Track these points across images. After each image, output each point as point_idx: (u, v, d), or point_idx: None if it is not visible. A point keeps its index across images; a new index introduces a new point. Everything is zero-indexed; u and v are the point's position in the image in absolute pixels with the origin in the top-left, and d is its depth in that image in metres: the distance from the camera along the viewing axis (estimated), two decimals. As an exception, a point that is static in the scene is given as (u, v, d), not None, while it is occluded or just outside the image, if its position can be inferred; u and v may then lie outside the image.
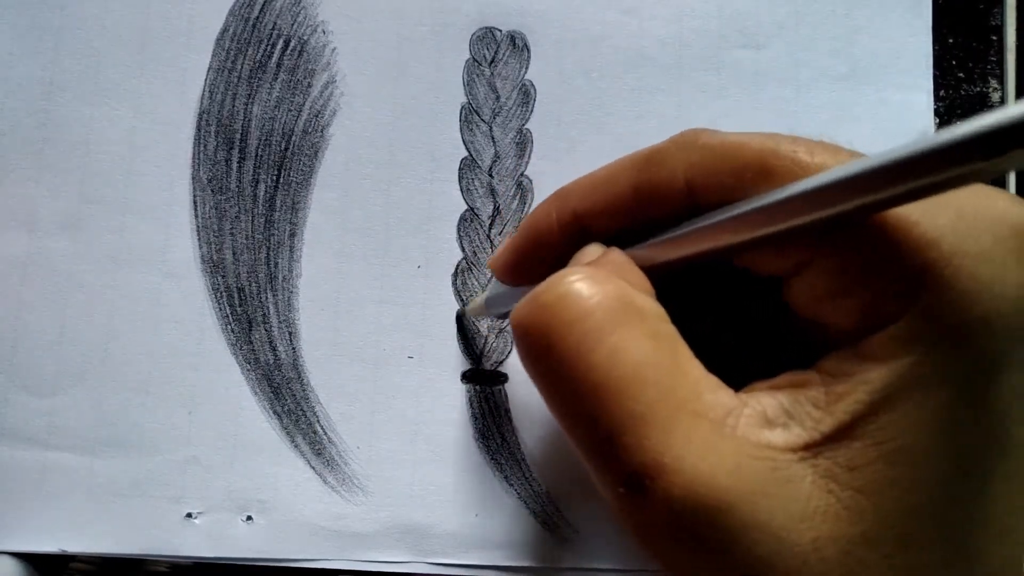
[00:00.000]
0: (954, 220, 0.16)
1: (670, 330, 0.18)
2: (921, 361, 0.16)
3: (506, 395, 0.27)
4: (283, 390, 0.26)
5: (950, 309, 0.16)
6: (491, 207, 0.27)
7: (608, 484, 0.17)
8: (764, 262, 0.18)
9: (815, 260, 0.17)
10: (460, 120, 0.28)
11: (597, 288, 0.17)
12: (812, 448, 0.16)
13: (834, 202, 0.16)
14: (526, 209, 0.28)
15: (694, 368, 0.17)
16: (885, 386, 0.16)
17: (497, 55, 0.28)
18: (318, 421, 0.26)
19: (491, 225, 0.27)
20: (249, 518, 0.26)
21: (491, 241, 0.27)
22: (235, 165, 0.27)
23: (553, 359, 0.17)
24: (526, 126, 0.28)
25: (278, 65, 0.27)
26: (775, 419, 0.17)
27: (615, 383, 0.16)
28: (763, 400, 0.17)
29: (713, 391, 0.17)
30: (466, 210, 0.27)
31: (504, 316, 0.24)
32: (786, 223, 0.17)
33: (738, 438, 0.16)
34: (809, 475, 0.16)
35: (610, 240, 0.20)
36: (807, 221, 0.16)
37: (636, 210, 0.20)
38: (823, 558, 0.16)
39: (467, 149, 0.28)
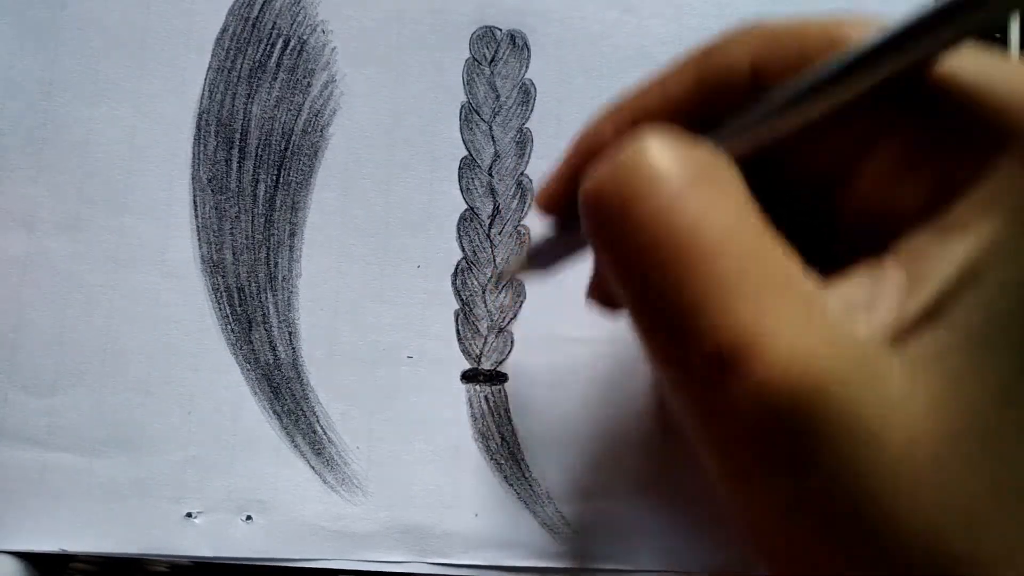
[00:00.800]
0: None
1: (754, 203, 0.16)
2: (1011, 222, 0.14)
3: (506, 395, 0.27)
4: (283, 390, 0.26)
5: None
6: (491, 206, 0.27)
7: (681, 369, 0.15)
8: (822, 154, 0.17)
9: (880, 140, 0.16)
10: (460, 119, 0.28)
11: (681, 149, 0.16)
12: (899, 336, 0.15)
13: (906, 45, 0.15)
14: (526, 209, 0.27)
15: (780, 243, 0.15)
16: (972, 255, 0.14)
17: (497, 54, 0.28)
18: (318, 421, 0.26)
19: (491, 225, 0.27)
20: (249, 518, 0.26)
21: (491, 241, 0.27)
22: (235, 165, 0.27)
23: (630, 223, 0.15)
24: (526, 125, 0.28)
25: (278, 65, 0.27)
26: (857, 307, 0.15)
27: (702, 247, 0.15)
28: (842, 289, 0.15)
29: (800, 269, 0.15)
30: (466, 209, 0.27)
31: (547, 270, 0.22)
32: (859, 83, 0.15)
33: (829, 321, 0.14)
34: (897, 367, 0.14)
35: None
36: (880, 76, 0.15)
37: (699, 106, 0.18)
38: (915, 462, 0.14)
39: (467, 148, 0.27)
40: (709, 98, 0.18)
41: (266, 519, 0.26)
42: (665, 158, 0.15)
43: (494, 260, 0.27)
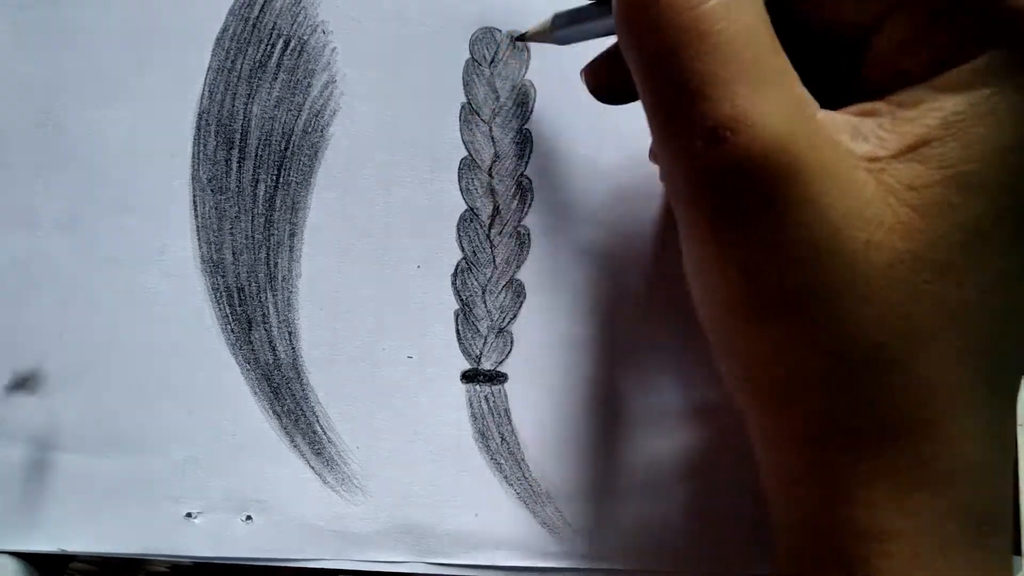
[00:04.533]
0: None
1: (769, 18, 0.18)
2: (999, 93, 0.16)
3: (506, 395, 0.27)
4: (283, 390, 0.26)
5: None
6: (491, 207, 0.27)
7: (684, 138, 0.17)
8: (844, 14, 0.19)
9: (898, 10, 0.18)
10: (460, 120, 0.28)
11: None
12: (877, 161, 0.17)
13: None
14: (526, 209, 0.28)
15: (786, 56, 0.18)
16: (956, 113, 0.16)
17: (497, 55, 0.28)
18: (317, 421, 0.26)
19: (491, 225, 0.27)
20: (248, 518, 0.26)
21: (491, 241, 0.27)
22: (235, 165, 0.27)
23: (661, 8, 0.17)
24: (526, 126, 0.28)
25: (278, 65, 0.27)
26: (846, 131, 0.17)
27: (721, 36, 0.17)
28: (835, 114, 0.18)
29: (799, 81, 0.17)
30: (466, 210, 0.27)
31: (566, 40, 0.24)
32: None
33: (817, 122, 0.17)
34: (872, 184, 0.17)
35: None
36: None
37: None
38: (870, 263, 0.16)
39: (467, 149, 0.28)
40: None
41: (266, 519, 0.26)
42: None
43: (494, 260, 0.27)
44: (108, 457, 0.26)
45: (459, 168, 0.27)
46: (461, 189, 0.27)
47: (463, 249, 0.27)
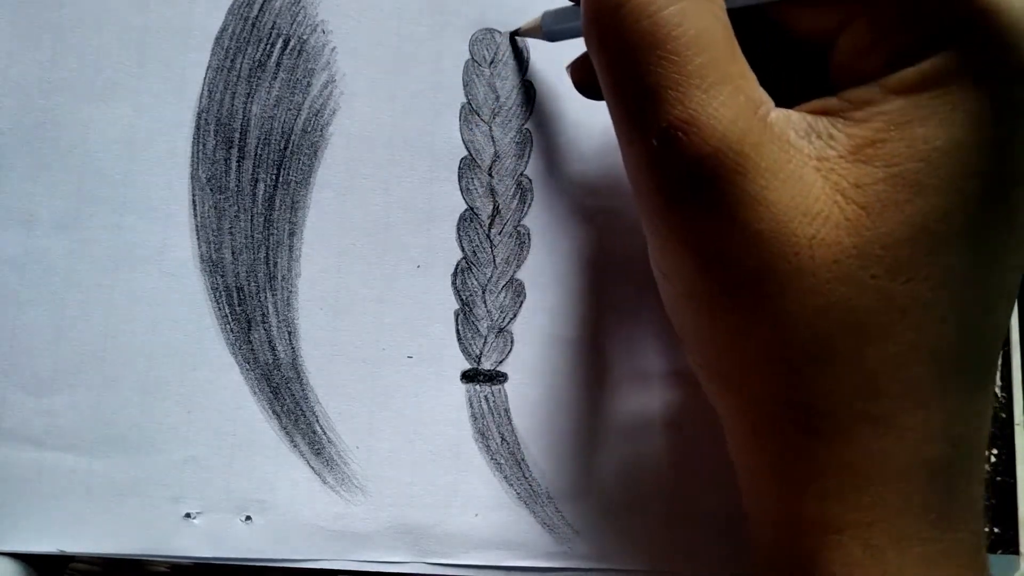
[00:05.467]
0: None
1: (728, 22, 0.19)
2: (943, 95, 0.17)
3: (506, 395, 0.27)
4: (282, 390, 0.26)
5: (985, 52, 0.17)
6: (491, 207, 0.27)
7: (639, 136, 0.18)
8: (811, 20, 0.19)
9: (860, 15, 0.18)
10: (460, 120, 0.28)
11: None
12: (826, 161, 0.17)
13: None
14: (526, 209, 0.28)
15: (742, 59, 0.18)
16: (902, 112, 0.17)
17: (497, 56, 0.28)
18: (317, 421, 0.26)
19: (490, 225, 0.27)
20: (248, 518, 0.25)
21: (491, 241, 0.27)
22: (234, 164, 0.27)
23: (623, 13, 0.18)
24: (526, 126, 0.28)
25: (277, 64, 0.27)
26: (797, 130, 0.18)
27: (676, 42, 0.17)
28: (790, 113, 0.18)
29: (755, 83, 0.18)
30: (466, 210, 0.27)
31: (554, 37, 0.25)
32: None
33: (768, 123, 0.18)
34: (819, 182, 0.17)
35: None
36: None
37: None
38: (814, 257, 0.17)
39: (467, 149, 0.27)
40: None
41: (265, 519, 0.26)
42: None
43: (494, 260, 0.27)
44: (106, 457, 0.25)
45: (459, 168, 0.27)
46: (461, 189, 0.27)
47: (463, 249, 0.27)
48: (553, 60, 0.28)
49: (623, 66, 0.18)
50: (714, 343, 0.20)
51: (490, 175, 0.28)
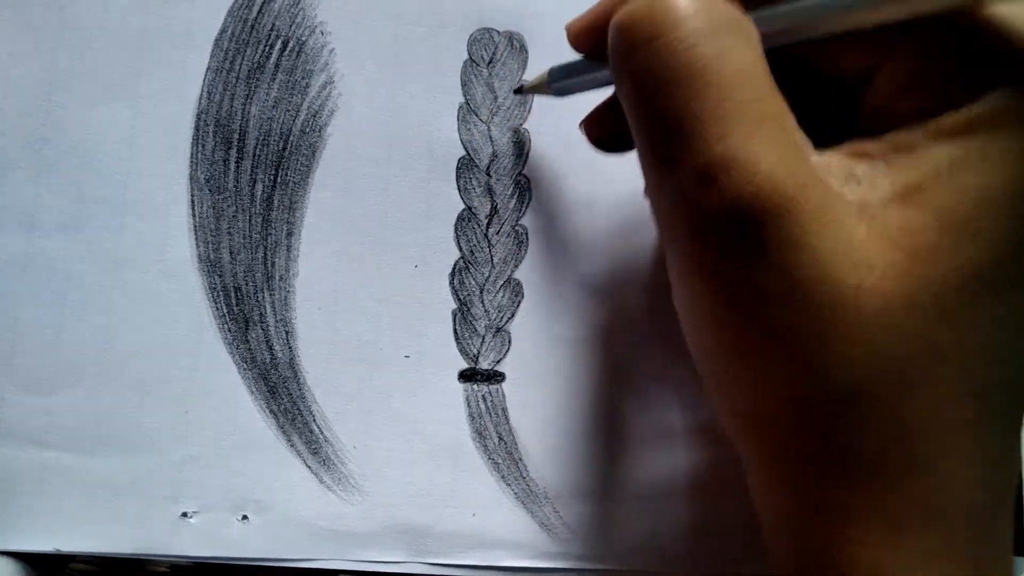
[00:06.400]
0: None
1: (766, 61, 0.18)
2: (992, 140, 0.16)
3: (503, 394, 0.27)
4: (279, 389, 0.26)
5: None
6: (488, 206, 0.27)
7: (674, 174, 0.17)
8: (844, 59, 0.19)
9: (897, 55, 0.18)
10: (458, 120, 0.28)
11: (713, 0, 0.18)
12: (869, 206, 0.17)
13: None
14: (524, 208, 0.27)
15: (782, 99, 0.18)
16: (949, 159, 0.16)
17: (495, 56, 0.28)
18: (314, 420, 0.26)
19: (488, 224, 0.27)
20: (245, 517, 0.25)
21: (488, 240, 0.27)
22: (233, 165, 0.27)
23: (657, 47, 0.17)
24: (524, 126, 0.28)
25: (276, 65, 0.27)
26: (837, 174, 0.17)
27: (716, 77, 0.17)
28: (830, 156, 0.18)
29: (795, 124, 0.18)
30: (463, 209, 0.27)
31: (562, 92, 0.25)
32: (881, 13, 0.17)
33: (810, 165, 0.17)
34: (863, 228, 0.17)
35: None
36: (905, 12, 0.17)
37: None
38: (860, 307, 0.16)
39: (465, 149, 0.28)
40: None
41: (263, 519, 0.25)
42: (697, 1, 0.18)
43: (492, 260, 0.27)
44: (105, 456, 0.25)
45: (457, 168, 0.27)
46: (459, 188, 0.27)
47: (461, 248, 0.27)
48: (552, 61, 0.28)
49: (657, 101, 0.18)
50: (743, 386, 0.19)
51: (488, 175, 0.28)
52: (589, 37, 0.22)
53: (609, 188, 0.28)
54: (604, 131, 0.24)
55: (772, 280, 0.17)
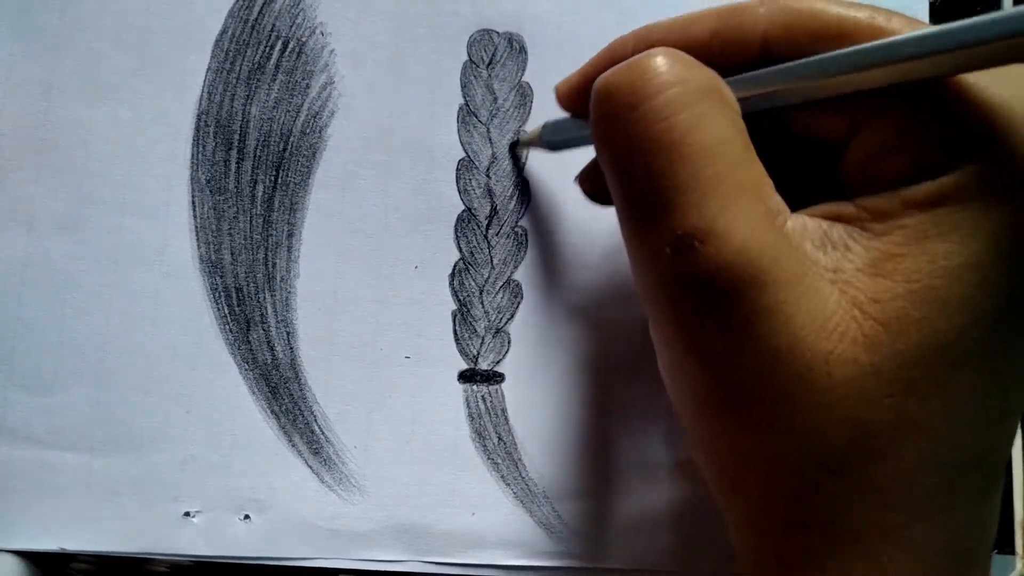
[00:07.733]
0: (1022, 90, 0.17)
1: (744, 127, 0.18)
2: (963, 211, 0.16)
3: (503, 395, 0.27)
4: (280, 390, 0.26)
5: (1006, 170, 0.16)
6: (488, 207, 0.28)
7: (651, 243, 0.18)
8: (822, 122, 0.19)
9: (873, 121, 0.18)
10: (458, 121, 0.28)
11: (691, 66, 0.18)
12: (841, 274, 0.17)
13: (906, 62, 0.16)
14: (524, 210, 0.28)
15: (759, 166, 0.18)
16: (921, 228, 0.17)
17: (494, 57, 0.28)
18: (315, 421, 0.26)
19: (488, 225, 0.27)
20: (246, 517, 0.26)
21: (488, 242, 0.27)
22: (233, 166, 0.27)
23: (635, 116, 0.18)
24: (523, 127, 0.28)
25: (276, 66, 0.27)
26: (813, 240, 0.18)
27: (692, 147, 0.17)
28: (806, 220, 0.18)
29: (772, 190, 0.18)
30: (463, 210, 0.27)
31: (555, 147, 0.25)
32: (857, 81, 0.17)
33: (785, 234, 0.17)
34: (836, 296, 0.17)
35: None
36: (881, 81, 0.17)
37: (711, 56, 0.20)
38: (830, 374, 0.17)
39: (464, 150, 0.28)
40: (723, 50, 0.20)
41: (264, 518, 0.26)
42: (676, 68, 0.18)
43: (491, 261, 0.27)
44: (106, 456, 0.26)
45: (457, 169, 0.28)
46: (459, 190, 0.27)
47: (461, 249, 0.27)
48: (551, 61, 0.28)
49: (635, 172, 0.18)
50: (721, 449, 0.19)
51: (488, 176, 0.28)
52: (578, 97, 0.23)
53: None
54: (597, 187, 0.25)
55: (746, 349, 0.17)
